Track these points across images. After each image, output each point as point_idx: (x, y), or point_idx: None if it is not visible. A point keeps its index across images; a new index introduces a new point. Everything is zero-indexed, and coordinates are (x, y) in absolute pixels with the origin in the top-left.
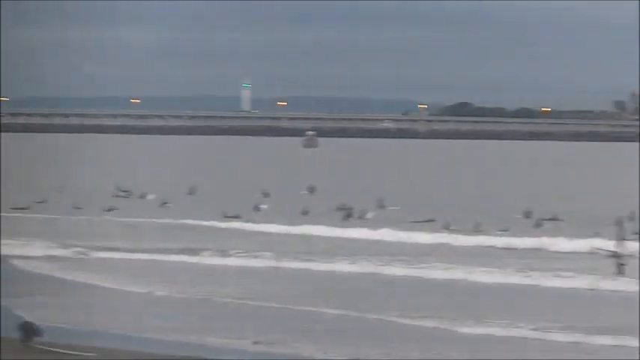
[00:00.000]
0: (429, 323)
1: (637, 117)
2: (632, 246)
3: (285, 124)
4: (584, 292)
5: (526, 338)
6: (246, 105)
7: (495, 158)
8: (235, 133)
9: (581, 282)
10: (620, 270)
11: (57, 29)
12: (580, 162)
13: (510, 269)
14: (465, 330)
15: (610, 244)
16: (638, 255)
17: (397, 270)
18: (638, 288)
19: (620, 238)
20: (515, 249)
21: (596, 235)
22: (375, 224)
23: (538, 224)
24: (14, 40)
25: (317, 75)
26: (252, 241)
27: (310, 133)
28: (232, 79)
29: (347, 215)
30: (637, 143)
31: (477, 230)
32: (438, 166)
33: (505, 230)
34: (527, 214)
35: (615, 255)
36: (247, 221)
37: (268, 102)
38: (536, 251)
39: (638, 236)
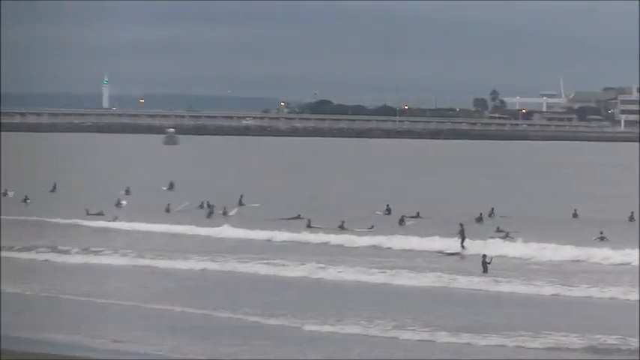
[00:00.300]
0: (277, 321)
1: (496, 115)
2: (490, 244)
3: (145, 121)
4: (441, 290)
5: (375, 337)
6: (106, 102)
7: (357, 156)
8: (97, 130)
9: (438, 280)
10: (484, 269)
11: None
12: (441, 160)
13: (367, 267)
14: (313, 328)
15: (467, 243)
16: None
17: (254, 267)
18: (496, 287)
19: (462, 237)
20: (374, 246)
21: (457, 233)
22: (236, 222)
23: (401, 222)
24: None
25: (174, 73)
26: (114, 239)
27: (170, 130)
28: (94, 76)
29: (209, 213)
30: (493, 141)
31: (340, 228)
32: (299, 163)
33: (369, 228)
34: (390, 212)
35: (457, 254)
36: (110, 219)
37: (128, 99)
38: (395, 249)
39: (505, 234)
